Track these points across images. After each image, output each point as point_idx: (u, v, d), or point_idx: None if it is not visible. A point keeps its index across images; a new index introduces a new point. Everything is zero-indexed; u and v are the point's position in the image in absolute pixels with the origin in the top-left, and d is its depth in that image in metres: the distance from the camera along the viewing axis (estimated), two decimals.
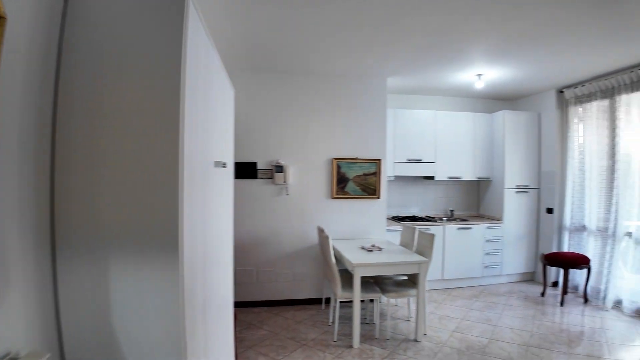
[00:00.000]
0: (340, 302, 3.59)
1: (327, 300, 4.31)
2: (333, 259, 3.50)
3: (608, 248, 4.38)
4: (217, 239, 1.89)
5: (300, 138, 4.49)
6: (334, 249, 3.73)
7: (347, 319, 3.90)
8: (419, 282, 3.49)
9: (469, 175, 5.54)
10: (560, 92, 5.20)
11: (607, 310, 4.24)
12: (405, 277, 4.00)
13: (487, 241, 5.28)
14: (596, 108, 4.66)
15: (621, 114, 4.30)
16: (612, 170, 4.42)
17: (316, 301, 4.47)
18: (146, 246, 1.17)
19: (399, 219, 5.24)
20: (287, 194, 4.42)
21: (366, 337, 3.51)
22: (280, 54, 3.83)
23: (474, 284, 5.30)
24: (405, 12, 2.85)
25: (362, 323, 3.64)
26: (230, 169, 2.40)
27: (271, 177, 4.40)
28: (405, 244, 4.22)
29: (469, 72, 4.46)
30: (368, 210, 4.67)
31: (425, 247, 3.79)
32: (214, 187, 1.81)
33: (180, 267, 1.18)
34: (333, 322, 3.71)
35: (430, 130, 5.33)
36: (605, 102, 4.53)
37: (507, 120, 5.37)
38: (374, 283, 3.80)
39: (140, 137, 1.16)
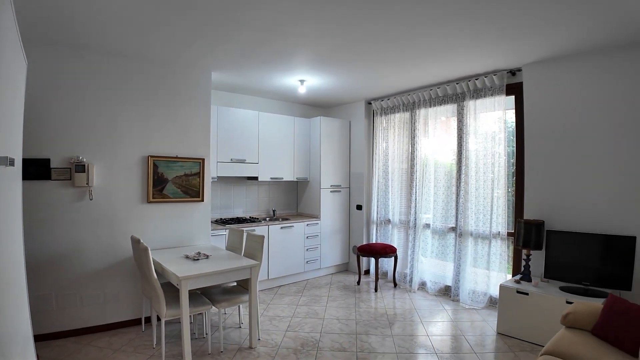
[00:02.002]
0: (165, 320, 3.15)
1: (148, 320, 3.75)
2: (154, 274, 3.04)
3: (410, 238, 5.18)
4: (5, 265, 1.33)
5: (107, 131, 3.73)
6: (154, 261, 3.25)
7: (174, 337, 3.48)
8: (251, 287, 3.36)
9: (289, 176, 5.72)
10: (369, 103, 5.92)
11: (414, 292, 5.00)
12: (234, 283, 3.82)
13: (307, 238, 5.56)
14: (399, 119, 5.48)
15: (420, 125, 5.16)
16: (411, 172, 5.25)
17: (135, 322, 3.84)
18: None
19: (223, 222, 5.01)
20: (91, 199, 3.62)
21: (198, 355, 3.17)
22: (82, 25, 3.05)
23: (297, 279, 5.50)
24: (239, 3, 2.66)
25: (191, 339, 3.30)
26: (18, 168, 1.76)
27: (70, 178, 3.52)
28: (233, 248, 4.03)
29: (293, 76, 4.58)
30: (191, 215, 4.28)
31: (255, 250, 3.70)
32: None
33: None
34: (158, 344, 3.25)
35: (254, 131, 5.27)
36: (407, 114, 5.37)
37: (323, 126, 5.78)
38: (201, 294, 3.48)
39: None
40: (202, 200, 4.34)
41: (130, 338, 3.53)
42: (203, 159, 4.32)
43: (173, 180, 4.13)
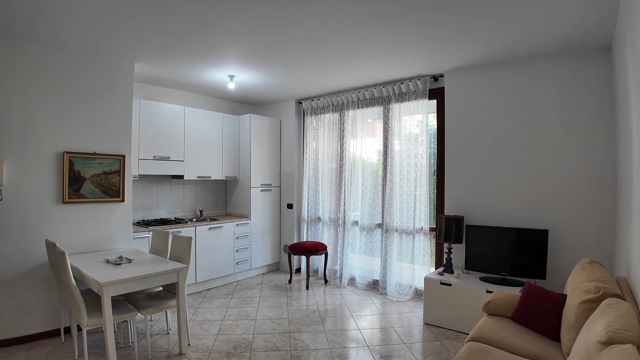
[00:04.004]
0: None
1: (68, 330, 3.43)
2: (72, 281, 2.80)
3: (340, 235, 5.34)
4: None
5: (19, 124, 3.35)
6: (72, 266, 2.98)
7: (97, 348, 3.23)
8: (179, 291, 3.21)
9: (217, 174, 5.56)
10: (300, 102, 5.97)
11: (344, 288, 5.15)
12: (160, 288, 3.62)
13: (237, 238, 5.45)
14: (328, 119, 5.61)
15: (348, 126, 5.34)
16: (340, 171, 5.43)
17: (54, 333, 3.50)
18: None
19: (146, 224, 4.72)
20: (0, 199, 3.23)
21: None
22: None
23: (227, 281, 5.37)
24: None
25: (117, 349, 3.10)
26: None
27: None
28: (158, 251, 3.83)
29: (222, 71, 4.46)
30: (111, 216, 3.97)
31: (181, 252, 3.55)
32: None
33: None
34: (81, 356, 3.00)
35: (179, 127, 5.03)
36: (336, 115, 5.52)
37: (253, 124, 5.71)
38: (125, 300, 3.26)
39: None
40: (123, 201, 4.05)
41: (49, 351, 3.21)
42: (123, 156, 4.04)
43: (91, 179, 3.80)
